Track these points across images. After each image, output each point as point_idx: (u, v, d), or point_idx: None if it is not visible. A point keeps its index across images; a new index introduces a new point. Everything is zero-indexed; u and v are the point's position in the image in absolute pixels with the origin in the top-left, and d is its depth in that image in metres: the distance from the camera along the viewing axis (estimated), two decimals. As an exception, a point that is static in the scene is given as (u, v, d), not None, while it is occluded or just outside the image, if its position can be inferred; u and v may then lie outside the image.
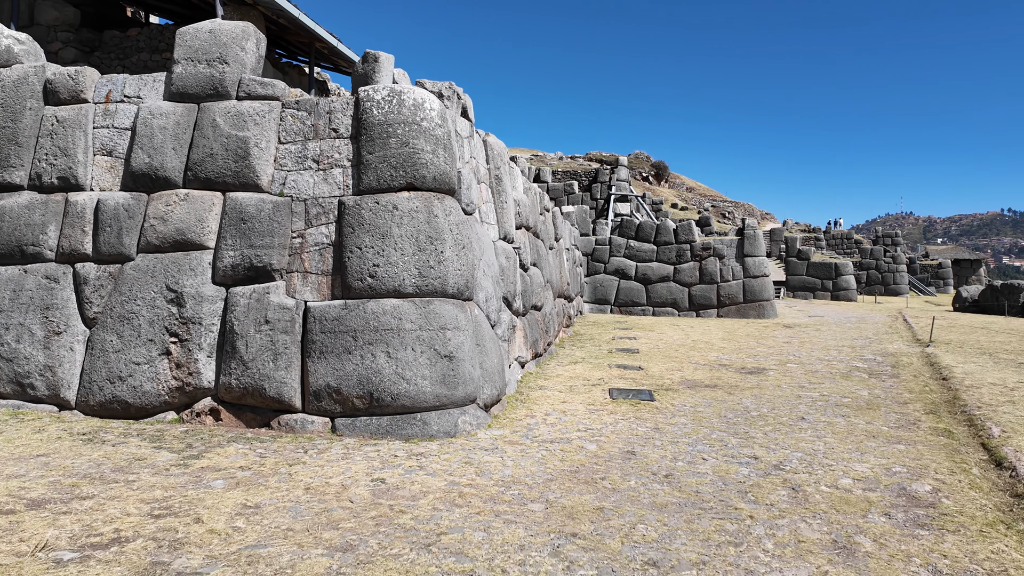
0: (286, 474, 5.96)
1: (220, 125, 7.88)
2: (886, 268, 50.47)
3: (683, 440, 7.53)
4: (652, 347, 16.31)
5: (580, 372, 12.22)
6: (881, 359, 14.96)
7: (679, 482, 6.05)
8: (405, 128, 7.45)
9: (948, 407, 9.95)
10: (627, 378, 11.65)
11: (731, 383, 11.42)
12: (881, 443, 7.59)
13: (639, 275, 28.46)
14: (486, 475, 6.06)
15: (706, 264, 27.68)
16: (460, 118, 9.18)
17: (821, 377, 12.28)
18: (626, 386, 10.78)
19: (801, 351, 16.20)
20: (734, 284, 27.32)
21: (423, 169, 7.48)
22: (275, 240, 7.62)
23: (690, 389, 10.78)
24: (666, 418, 8.63)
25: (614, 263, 28.85)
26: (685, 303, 27.73)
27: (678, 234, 28.39)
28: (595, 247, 29.28)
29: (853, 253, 55.39)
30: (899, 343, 18.35)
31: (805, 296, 42.15)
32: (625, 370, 12.53)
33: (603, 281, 28.74)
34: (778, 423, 8.48)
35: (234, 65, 8.05)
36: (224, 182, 7.86)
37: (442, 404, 7.23)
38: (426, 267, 7.31)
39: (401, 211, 7.34)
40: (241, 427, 7.62)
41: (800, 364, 13.94)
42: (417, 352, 7.16)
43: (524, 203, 12.52)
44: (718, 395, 10.30)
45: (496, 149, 10.70)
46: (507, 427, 7.81)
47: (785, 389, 10.94)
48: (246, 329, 7.49)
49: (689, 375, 12.19)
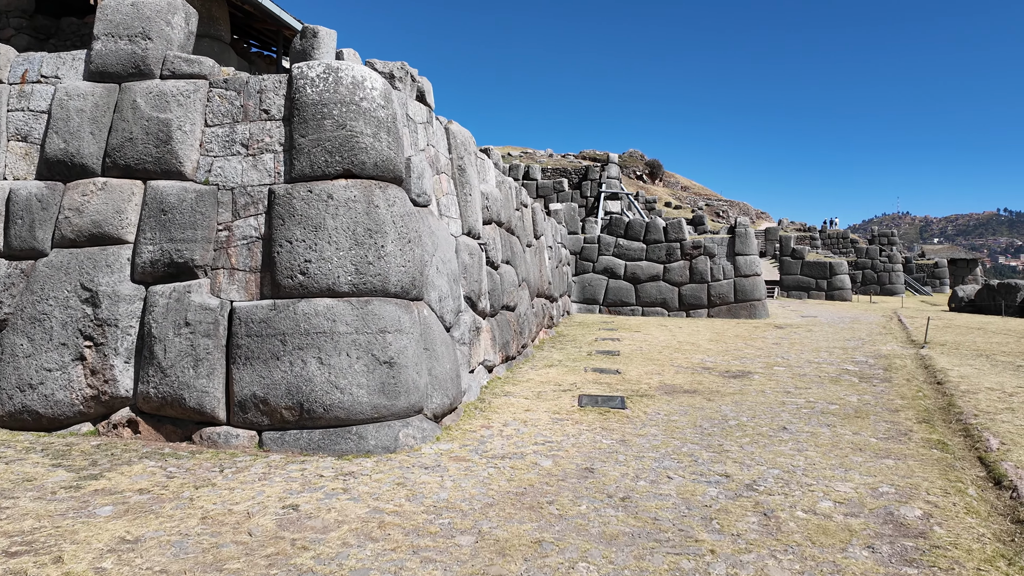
0: (188, 499, 5.22)
1: (141, 107, 7.14)
2: (882, 268, 49.84)
3: (649, 455, 6.80)
4: (635, 349, 15.59)
5: (553, 376, 11.49)
6: (873, 361, 14.26)
7: (636, 506, 5.32)
8: (342, 108, 6.71)
9: (942, 415, 9.24)
10: (602, 383, 10.92)
11: (712, 388, 10.70)
12: (868, 457, 6.88)
13: (628, 274, 27.75)
14: (417, 499, 5.32)
15: (696, 263, 26.98)
16: (415, 102, 8.44)
17: (809, 381, 11.56)
18: (599, 392, 10.05)
19: (790, 353, 15.49)
20: (725, 283, 26.62)
21: (362, 154, 6.75)
22: (198, 233, 6.88)
23: (667, 395, 10.06)
24: (635, 429, 7.91)
25: (603, 262, 28.14)
26: (675, 303, 27.03)
27: (668, 232, 27.69)
28: (584, 245, 28.56)
29: (849, 252, 54.76)
30: (893, 344, 17.66)
31: (799, 296, 41.48)
32: (601, 374, 11.80)
33: (591, 280, 28.03)
34: (757, 434, 7.76)
35: (158, 41, 7.31)
36: (145, 169, 7.12)
37: (381, 416, 6.50)
38: (364, 263, 6.57)
39: (337, 201, 6.61)
40: (160, 441, 6.88)
41: (788, 367, 13.23)
42: (353, 358, 6.42)
43: (495, 197, 11.78)
44: (696, 402, 9.58)
45: (460, 138, 9.97)
46: (457, 440, 7.08)
47: (769, 395, 10.23)
48: (164, 332, 6.74)
49: (669, 379, 11.47)
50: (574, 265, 28.27)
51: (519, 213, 14.30)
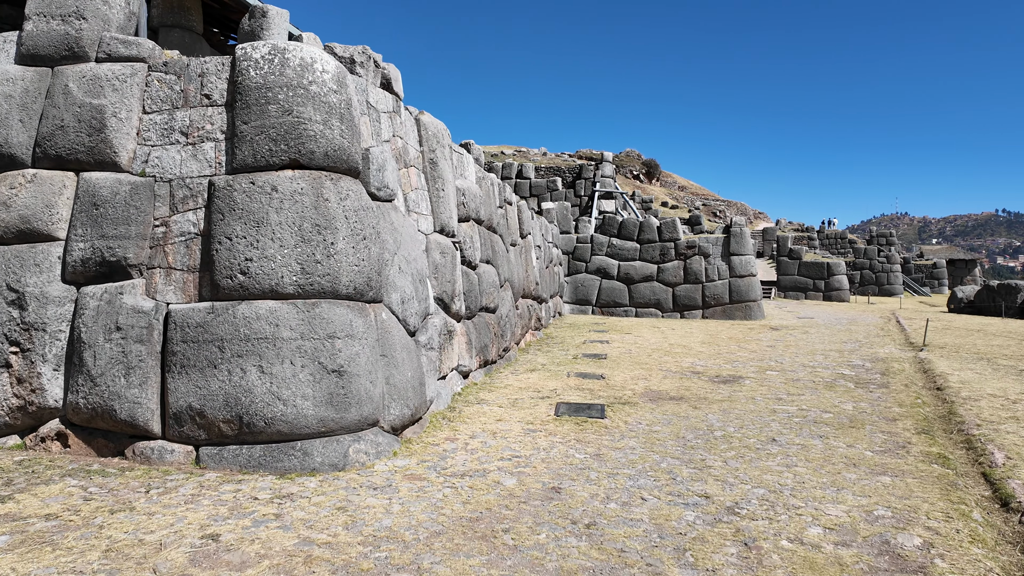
0: (97, 526, 4.64)
1: (73, 92, 6.55)
2: (880, 268, 49.30)
3: (624, 471, 6.23)
4: (623, 352, 15.02)
5: (533, 382, 10.92)
6: (870, 365, 13.70)
7: (602, 535, 4.75)
8: (288, 93, 6.13)
9: (943, 424, 8.68)
10: (584, 389, 10.35)
11: (700, 395, 10.13)
12: (863, 474, 6.31)
13: (621, 274, 27.18)
14: (356, 527, 4.74)
15: (691, 263, 26.42)
16: (378, 90, 7.87)
17: (802, 387, 11.00)
18: (579, 399, 9.47)
19: (784, 356, 14.93)
20: (719, 284, 26.06)
21: (311, 143, 6.17)
22: (132, 229, 6.30)
23: (651, 402, 9.49)
24: (612, 440, 7.33)
25: (596, 262, 27.57)
26: (669, 304, 26.46)
27: (662, 232, 27.13)
28: (576, 245, 27.99)
29: (847, 253, 54.24)
30: (891, 347, 17.10)
31: (796, 296, 40.93)
32: (585, 379, 11.23)
33: (584, 281, 27.46)
34: (744, 446, 7.19)
35: (94, 21, 6.73)
36: (77, 160, 6.54)
37: (329, 430, 5.92)
38: (311, 262, 5.99)
39: (281, 193, 6.03)
40: (91, 456, 6.30)
41: (781, 371, 12.66)
42: (297, 367, 5.84)
43: (473, 193, 11.21)
44: (682, 410, 9.00)
45: (432, 130, 9.40)
46: (416, 455, 6.50)
47: (759, 402, 9.66)
48: (95, 337, 6.16)
49: (655, 385, 10.90)
50: (566, 265, 27.70)
51: (502, 211, 13.73)
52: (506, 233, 13.92)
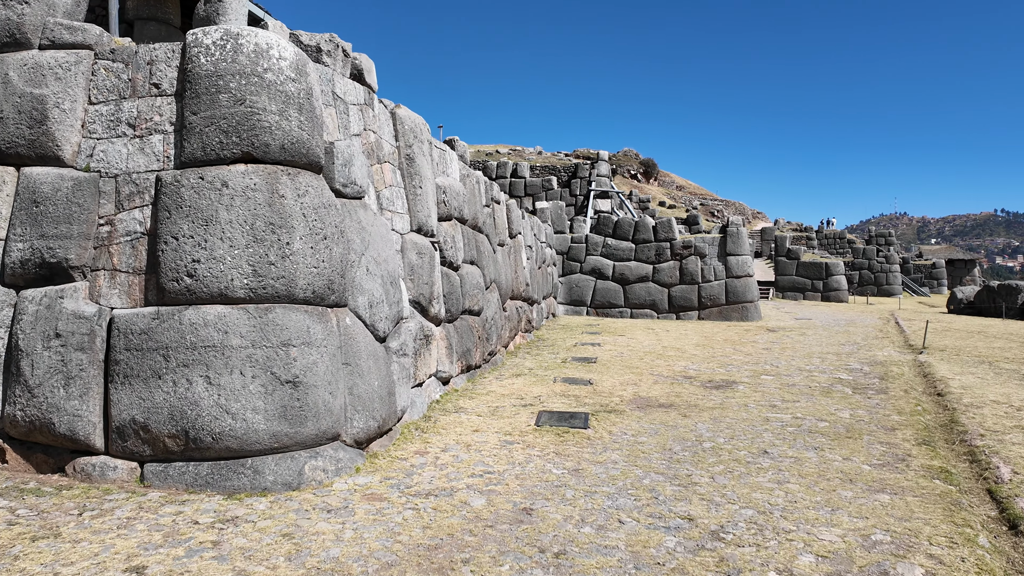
0: (12, 557, 4.20)
1: (13, 81, 6.10)
2: (879, 268, 48.88)
3: (603, 489, 5.79)
4: (615, 355, 14.58)
5: (517, 388, 10.47)
6: (869, 369, 13.27)
7: (572, 566, 4.31)
8: (241, 81, 5.68)
9: (944, 434, 8.25)
10: (570, 396, 9.90)
11: (691, 401, 9.69)
12: (860, 491, 5.87)
13: (616, 275, 26.74)
14: (300, 558, 4.30)
15: (686, 263, 25.98)
16: (347, 80, 7.42)
17: (798, 393, 10.56)
18: (563, 407, 9.03)
19: (780, 359, 14.50)
20: (716, 285, 25.63)
21: (265, 135, 5.72)
22: (74, 228, 5.85)
23: (639, 410, 9.05)
24: (594, 453, 6.89)
25: (590, 262, 27.13)
26: (664, 305, 26.03)
27: (657, 231, 26.69)
28: (571, 245, 27.54)
29: (846, 253, 53.83)
30: (890, 349, 16.67)
31: (795, 297, 40.50)
32: (572, 385, 10.78)
33: (579, 281, 27.02)
34: (733, 460, 6.75)
35: (37, 5, 6.28)
36: (17, 154, 6.09)
37: (283, 445, 5.48)
38: (264, 264, 5.55)
39: (232, 189, 5.58)
40: (29, 472, 5.86)
41: (776, 376, 12.22)
42: (248, 377, 5.40)
43: (456, 191, 10.77)
44: (670, 418, 8.56)
45: (409, 124, 8.95)
46: (381, 471, 6.05)
47: (752, 410, 9.22)
48: (32, 345, 5.72)
49: (645, 391, 10.46)
50: (561, 265, 27.27)
51: (488, 210, 13.29)
52: (493, 233, 13.48)
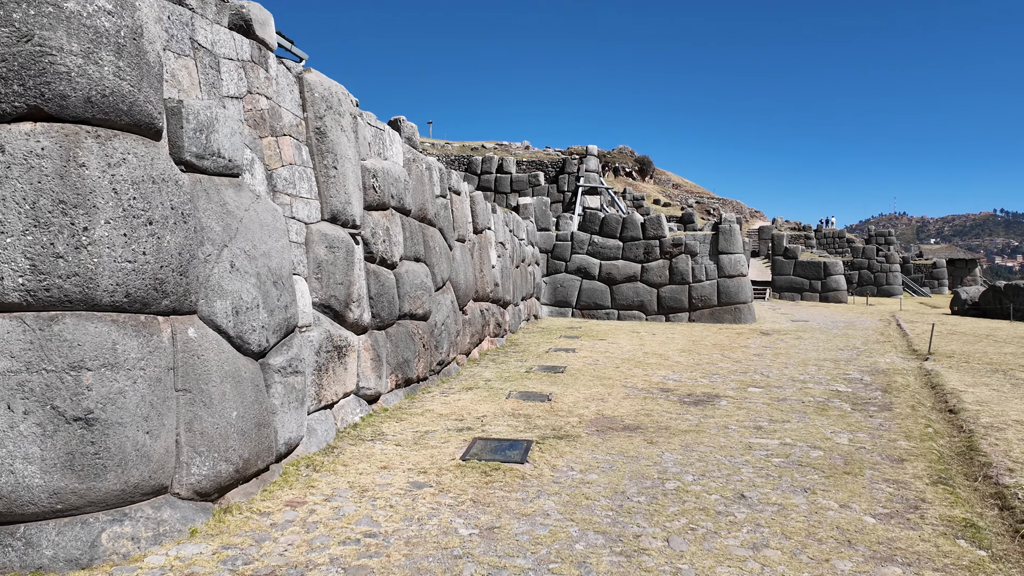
0: None
1: None
2: (879, 268, 47.41)
3: (516, 562, 4.30)
4: (588, 363, 13.11)
5: (462, 406, 8.99)
6: (870, 379, 11.81)
7: None
8: (27, 10, 4.21)
9: (963, 465, 6.79)
10: (520, 416, 8.43)
11: (662, 422, 8.22)
12: (862, 561, 4.41)
13: (603, 274, 25.26)
14: None
15: (677, 262, 24.51)
16: (222, 29, 5.95)
17: (788, 410, 9.09)
18: (505, 432, 7.55)
19: (772, 367, 13.03)
20: (707, 285, 24.16)
21: (62, 83, 4.25)
22: None
23: (598, 435, 7.58)
24: (522, 502, 5.41)
25: (576, 261, 25.64)
26: (653, 306, 24.56)
27: (646, 229, 25.22)
28: (556, 243, 26.05)
29: (845, 252, 52.38)
30: (892, 355, 15.21)
31: (792, 297, 39.03)
32: (526, 401, 9.30)
33: (564, 281, 25.54)
34: (700, 509, 5.29)
35: None
36: None
37: (70, 506, 4.00)
38: (48, 256, 4.08)
39: (10, 155, 4.11)
40: None
41: (766, 388, 10.76)
42: (17, 413, 3.92)
43: (393, 176, 9.30)
44: (633, 446, 7.09)
45: (321, 92, 7.47)
46: (224, 535, 4.57)
47: (733, 433, 7.75)
48: None
49: (611, 408, 8.99)
50: (545, 264, 25.79)
51: (443, 201, 11.80)
52: (449, 227, 12.00)
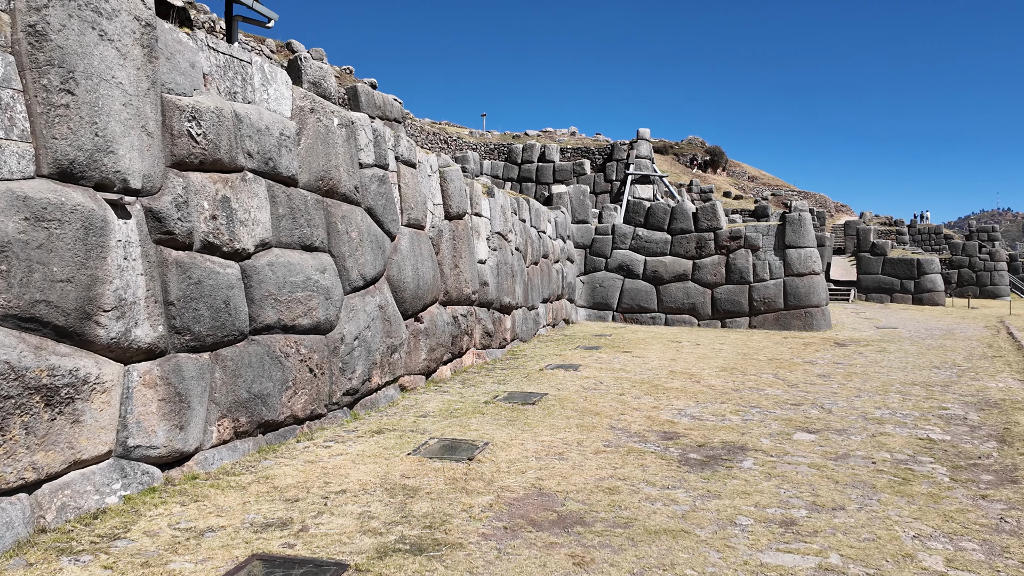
0: None
1: None
2: (981, 266, 41.65)
3: None
4: (585, 387, 9.92)
5: (326, 470, 6.01)
6: (977, 418, 8.18)
7: None
8: None
9: None
10: (401, 491, 5.38)
11: (628, 509, 5.03)
12: None
13: (648, 272, 21.84)
14: None
15: (735, 258, 20.83)
16: None
17: (846, 481, 5.72)
18: (326, 540, 4.51)
19: (838, 396, 9.52)
20: (771, 285, 20.40)
21: None
22: None
23: (498, 540, 4.46)
24: None
25: (617, 257, 22.30)
26: (706, 309, 20.98)
27: (698, 219, 21.63)
28: (595, 237, 22.76)
29: (942, 249, 46.64)
30: (1007, 377, 11.33)
31: (880, 299, 34.24)
32: (437, 460, 6.24)
33: (603, 280, 22.24)
34: None
35: None
36: None
37: None
38: None
39: None
40: None
41: (821, 433, 7.34)
42: None
43: (260, 127, 6.47)
44: (545, 572, 3.95)
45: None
46: None
47: (740, 539, 4.48)
48: None
49: (561, 476, 5.84)
50: (582, 261, 22.55)
51: (377, 172, 8.85)
52: (387, 207, 9.05)
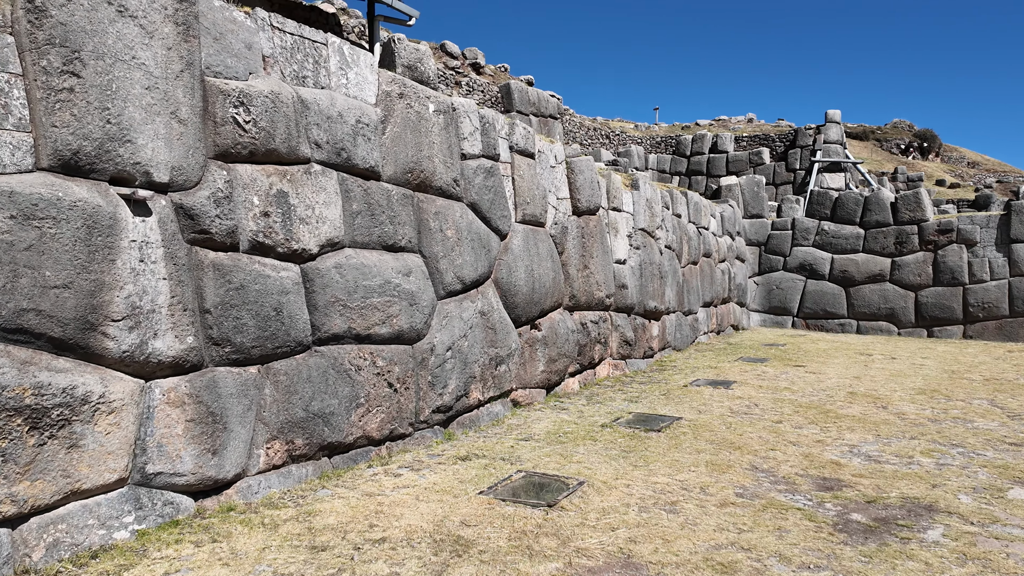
0: None
1: None
2: None
3: None
4: (734, 409, 8.33)
5: (383, 507, 5.08)
6: None
7: None
8: None
9: None
10: (452, 544, 4.34)
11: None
12: None
13: (836, 272, 19.22)
14: None
15: (944, 256, 17.67)
16: None
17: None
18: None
19: (1079, 440, 7.15)
20: (992, 287, 17.07)
21: None
22: None
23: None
24: None
25: (798, 255, 19.88)
26: (908, 315, 18.02)
27: (898, 210, 18.65)
28: (771, 233, 20.48)
29: None
30: None
31: None
32: (513, 503, 5.12)
33: (781, 281, 19.93)
34: None
35: None
36: None
37: None
38: None
39: None
40: None
41: (1049, 500, 5.30)
42: None
43: (331, 113, 5.76)
44: None
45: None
46: None
47: None
48: None
49: (671, 533, 4.51)
50: (756, 260, 20.38)
51: (483, 164, 7.89)
52: (495, 202, 8.08)
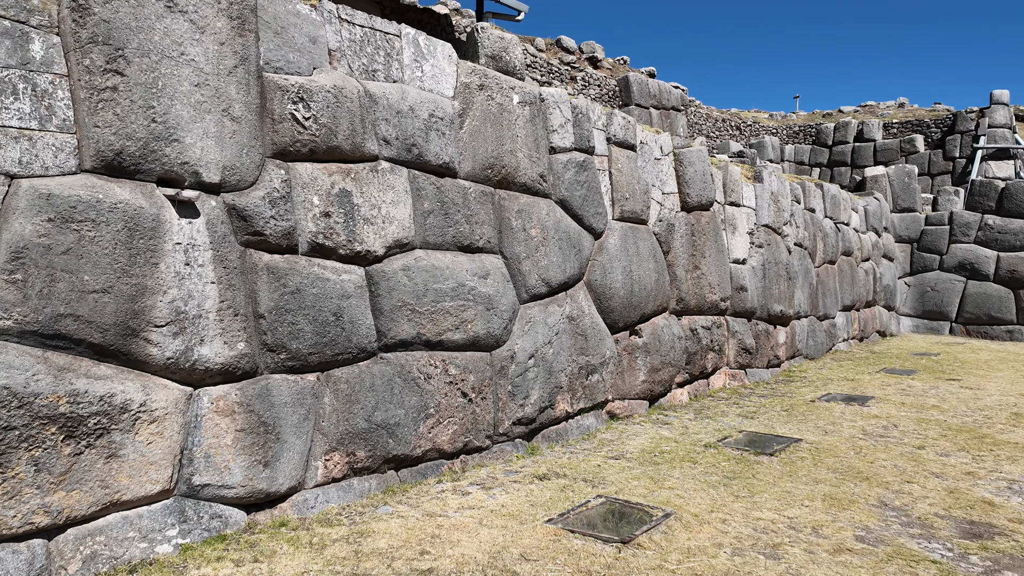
0: None
1: None
2: None
3: None
4: (867, 431, 7.33)
5: (440, 531, 4.67)
6: None
7: None
8: None
9: None
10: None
11: None
12: None
13: (1002, 273, 17.08)
14: None
15: None
16: None
17: None
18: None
19: None
20: None
21: None
22: None
23: None
24: None
25: (956, 253, 17.83)
26: (1092, 321, 15.62)
27: (1078, 200, 16.23)
28: (924, 229, 18.52)
29: None
30: None
31: None
32: (583, 536, 4.58)
33: (936, 282, 17.95)
34: None
35: None
36: None
37: None
38: None
39: None
40: None
41: None
42: None
43: (402, 108, 5.47)
44: None
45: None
46: None
47: None
48: None
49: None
50: (907, 259, 18.49)
51: (575, 157, 7.33)
52: (588, 198, 7.50)
